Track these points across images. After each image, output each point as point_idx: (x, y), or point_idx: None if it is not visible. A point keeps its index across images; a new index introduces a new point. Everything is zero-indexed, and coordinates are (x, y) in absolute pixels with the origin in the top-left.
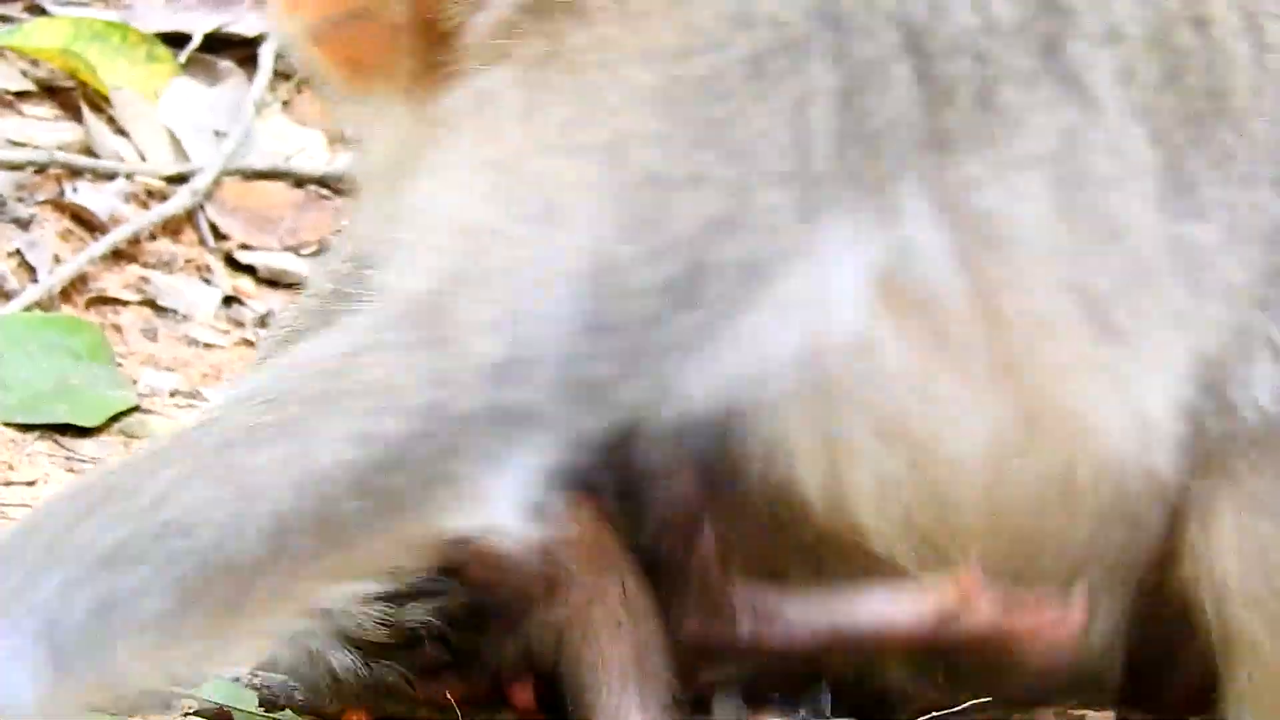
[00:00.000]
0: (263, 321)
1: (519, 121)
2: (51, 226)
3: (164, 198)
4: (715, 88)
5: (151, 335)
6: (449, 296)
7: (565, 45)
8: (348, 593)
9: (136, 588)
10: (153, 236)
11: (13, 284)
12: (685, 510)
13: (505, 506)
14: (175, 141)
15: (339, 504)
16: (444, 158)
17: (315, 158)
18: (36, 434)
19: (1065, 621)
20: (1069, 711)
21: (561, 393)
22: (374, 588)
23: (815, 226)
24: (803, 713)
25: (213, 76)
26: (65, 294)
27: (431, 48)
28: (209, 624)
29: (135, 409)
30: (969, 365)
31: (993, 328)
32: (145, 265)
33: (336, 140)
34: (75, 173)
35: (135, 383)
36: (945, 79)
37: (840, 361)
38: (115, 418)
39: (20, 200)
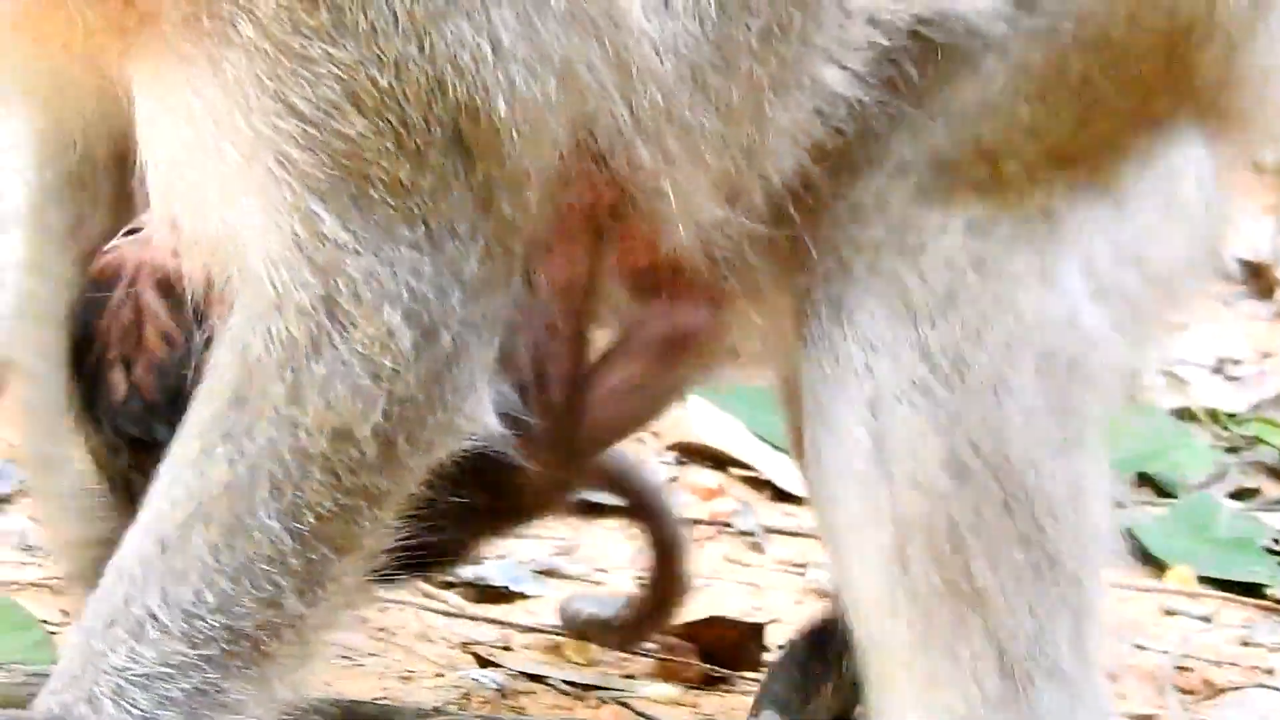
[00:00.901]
0: None
1: (261, 103)
2: None
3: None
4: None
5: None
6: (335, 323)
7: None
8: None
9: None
10: None
11: None
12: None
13: (484, 419)
14: None
15: (340, 535)
16: (203, 156)
17: None
18: None
19: None
20: None
21: (468, 306)
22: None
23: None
24: None
25: None
26: None
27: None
28: (293, 650)
29: None
30: None
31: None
32: None
33: None
34: None
35: None
36: None
37: None
38: None
39: None
